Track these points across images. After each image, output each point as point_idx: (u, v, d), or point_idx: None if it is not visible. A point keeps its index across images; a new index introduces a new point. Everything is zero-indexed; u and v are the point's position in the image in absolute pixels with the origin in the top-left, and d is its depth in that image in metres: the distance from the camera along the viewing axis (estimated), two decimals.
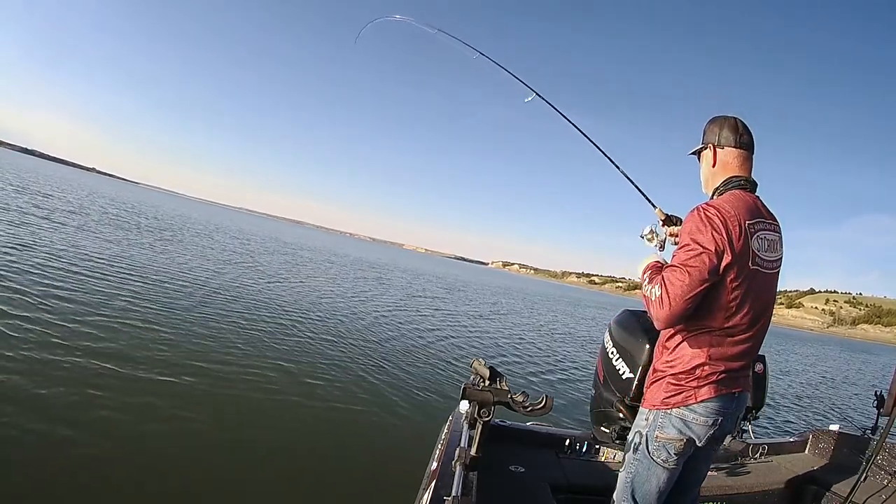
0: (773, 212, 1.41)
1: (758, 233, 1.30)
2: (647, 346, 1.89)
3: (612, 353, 2.07)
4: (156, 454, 2.82)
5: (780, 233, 1.39)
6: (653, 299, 1.29)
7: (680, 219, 1.69)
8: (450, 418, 1.91)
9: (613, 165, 2.07)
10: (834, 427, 2.75)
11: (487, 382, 1.58)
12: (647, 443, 1.37)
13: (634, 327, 2.01)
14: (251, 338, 5.53)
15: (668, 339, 1.38)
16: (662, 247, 1.68)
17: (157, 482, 2.59)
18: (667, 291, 1.25)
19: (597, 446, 2.21)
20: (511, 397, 1.49)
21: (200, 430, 3.21)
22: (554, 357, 8.90)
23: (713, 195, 1.42)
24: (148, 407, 3.31)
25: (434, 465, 1.51)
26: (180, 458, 2.85)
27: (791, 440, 2.84)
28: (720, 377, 1.30)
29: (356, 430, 3.78)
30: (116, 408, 3.18)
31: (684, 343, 1.33)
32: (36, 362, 3.54)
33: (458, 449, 1.40)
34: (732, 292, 1.27)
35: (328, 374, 4.86)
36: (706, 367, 1.30)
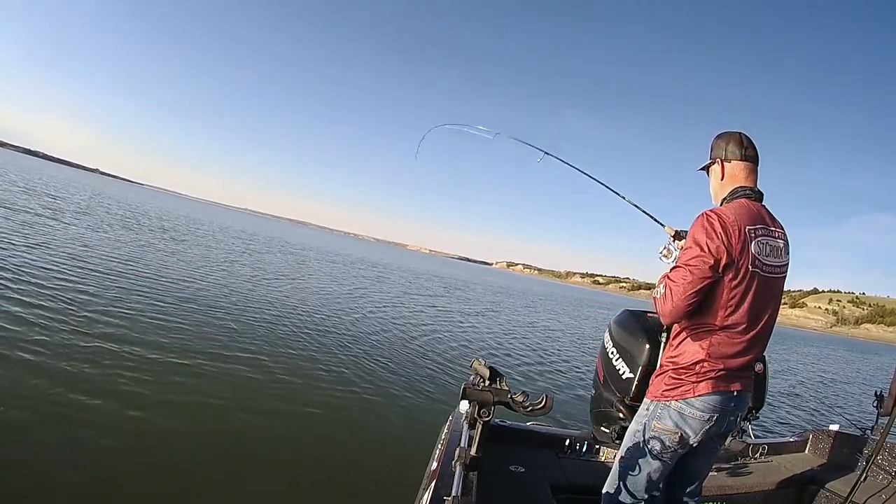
0: (779, 213, 1.49)
1: (758, 238, 1.37)
2: (647, 346, 1.89)
3: (612, 353, 2.07)
4: (155, 453, 2.82)
5: (786, 240, 1.46)
6: (658, 297, 1.41)
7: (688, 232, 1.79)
8: (450, 418, 1.91)
9: (625, 200, 2.20)
10: (834, 427, 2.75)
11: (487, 382, 1.58)
12: (644, 432, 1.45)
13: (634, 327, 2.01)
14: (251, 336, 5.53)
15: (675, 336, 1.46)
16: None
17: (157, 482, 2.59)
18: (670, 289, 1.36)
19: (597, 446, 2.21)
20: (511, 397, 1.49)
21: (200, 430, 3.22)
22: (554, 357, 8.90)
23: (721, 205, 1.50)
24: (148, 405, 3.32)
25: (434, 465, 1.51)
26: (180, 458, 2.84)
27: (791, 440, 2.83)
28: (719, 374, 1.37)
29: (356, 430, 3.78)
30: (118, 404, 3.20)
31: (687, 339, 1.42)
32: (39, 362, 3.54)
33: (458, 449, 1.39)
34: (731, 292, 1.34)
35: (328, 374, 4.86)
36: (705, 364, 1.37)
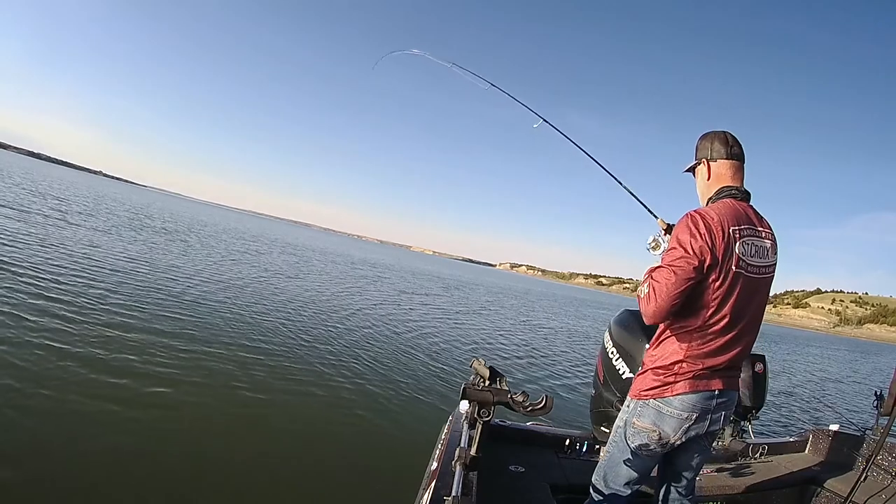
0: (784, 213, 1.48)
1: (743, 238, 1.36)
2: (647, 346, 1.89)
3: (612, 353, 2.07)
4: (155, 453, 2.82)
5: (774, 240, 1.45)
6: (642, 296, 1.41)
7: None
8: (450, 418, 1.91)
9: (618, 182, 2.20)
10: (834, 427, 2.75)
11: (487, 382, 1.58)
12: (626, 428, 1.47)
13: (634, 327, 2.01)
14: (250, 335, 5.53)
15: (657, 335, 1.47)
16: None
17: (156, 481, 2.59)
18: (653, 289, 1.36)
19: (597, 446, 2.21)
20: (511, 397, 1.49)
21: (199, 429, 3.21)
22: (554, 357, 8.90)
23: (707, 205, 1.49)
24: (148, 404, 3.32)
25: (434, 465, 1.51)
26: (179, 458, 2.84)
27: (791, 440, 2.83)
28: (698, 374, 1.37)
29: (356, 430, 3.77)
30: (120, 401, 3.20)
31: (667, 339, 1.42)
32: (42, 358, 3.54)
33: (458, 449, 1.39)
34: (714, 292, 1.34)
35: (328, 374, 4.86)
36: (684, 364, 1.38)
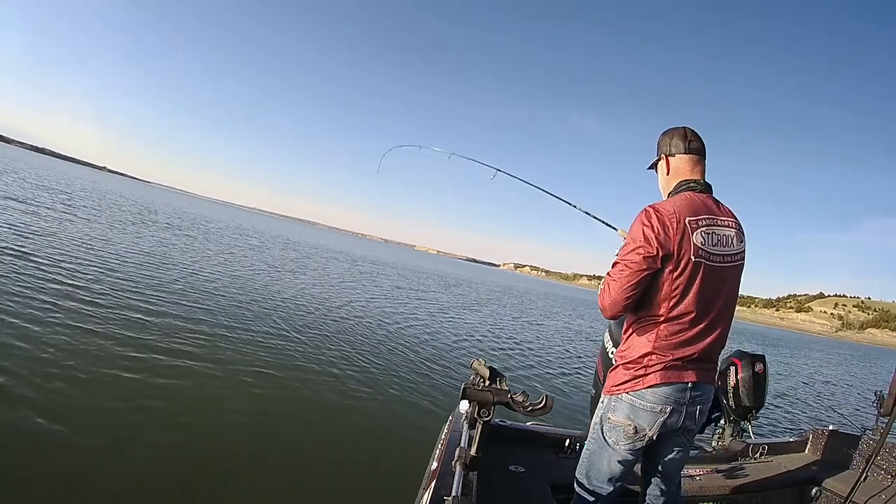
0: (789, 215, 1.48)
1: (702, 228, 1.37)
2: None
3: (612, 353, 2.07)
4: (155, 452, 2.81)
5: (739, 228, 1.46)
6: (599, 292, 1.46)
7: None
8: (450, 418, 1.91)
9: (576, 210, 2.30)
10: (834, 427, 2.75)
11: (487, 382, 1.59)
12: (602, 424, 1.48)
13: None
14: (249, 335, 5.52)
15: (624, 331, 1.49)
16: None
17: (155, 480, 2.58)
18: (608, 284, 1.41)
19: None
20: (511, 397, 1.50)
21: (198, 428, 3.21)
22: (555, 357, 8.90)
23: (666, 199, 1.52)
24: (148, 402, 3.31)
25: (434, 465, 1.51)
26: (179, 458, 2.84)
27: (791, 440, 2.83)
28: (669, 365, 1.38)
29: (356, 430, 3.77)
30: (121, 398, 3.20)
31: (634, 333, 1.44)
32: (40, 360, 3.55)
33: (458, 449, 1.40)
34: (674, 283, 1.35)
35: (327, 374, 4.85)
36: (653, 356, 1.38)
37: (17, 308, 4.52)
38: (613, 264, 1.43)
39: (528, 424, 2.33)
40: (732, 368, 2.61)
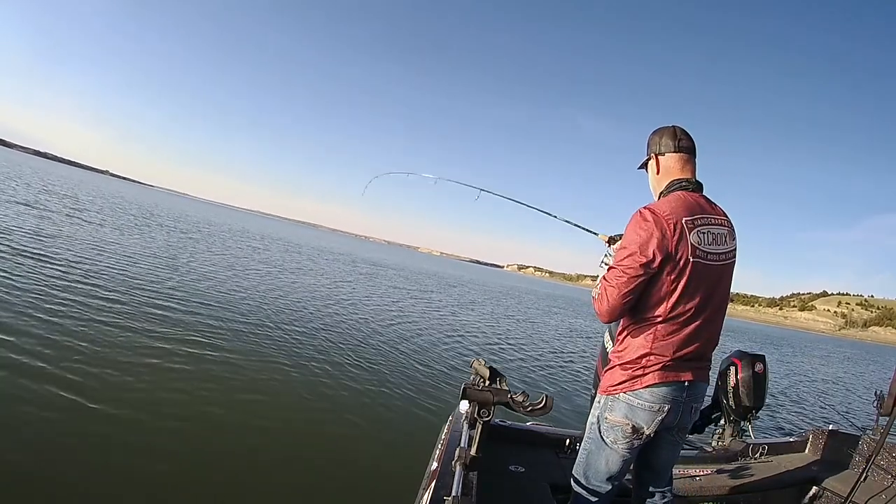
0: (793, 217, 1.48)
1: (698, 228, 1.38)
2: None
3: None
4: (155, 452, 2.81)
5: (730, 226, 1.48)
6: (595, 297, 1.46)
7: (622, 235, 1.85)
8: (450, 418, 1.91)
9: (556, 219, 2.34)
10: (834, 427, 2.75)
11: (487, 382, 1.59)
12: (599, 424, 1.48)
13: None
14: (250, 334, 5.52)
15: (620, 331, 1.49)
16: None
17: (155, 479, 2.59)
18: (604, 289, 1.40)
19: None
20: (511, 397, 1.50)
21: (197, 428, 3.21)
22: (555, 357, 8.89)
23: (658, 199, 1.51)
24: (147, 401, 3.32)
25: (434, 465, 1.51)
26: (179, 458, 2.84)
27: (791, 440, 2.83)
28: (666, 365, 1.38)
29: (356, 430, 3.77)
30: (121, 398, 3.20)
31: (631, 334, 1.44)
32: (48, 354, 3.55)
33: (458, 449, 1.40)
34: (672, 284, 1.35)
35: (327, 374, 4.85)
36: (651, 357, 1.39)
37: (20, 305, 4.53)
38: (609, 268, 1.43)
39: (528, 424, 2.33)
40: (732, 368, 2.61)
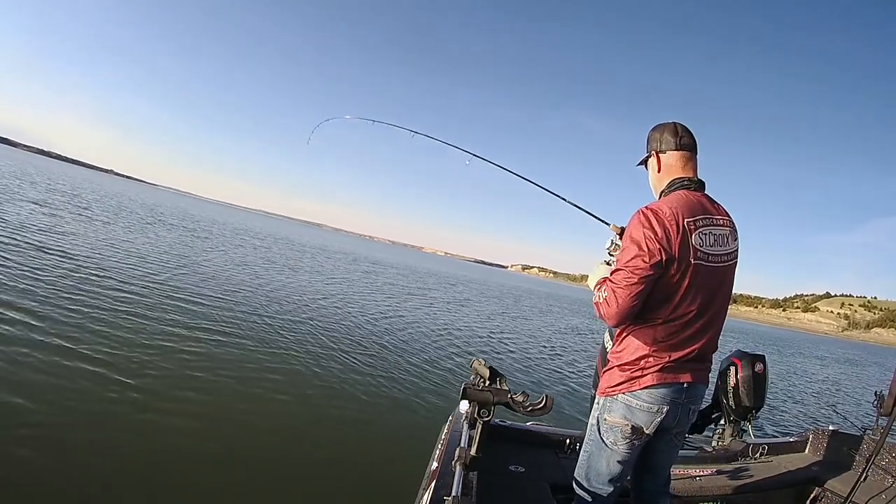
0: (797, 218, 1.47)
1: (700, 229, 1.36)
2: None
3: None
4: (153, 450, 2.82)
5: (732, 226, 1.46)
6: (601, 301, 1.39)
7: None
8: (450, 418, 1.91)
9: (566, 202, 2.23)
10: (834, 427, 2.75)
11: (487, 382, 1.59)
12: (599, 425, 1.47)
13: None
14: (250, 334, 5.52)
15: (620, 332, 1.47)
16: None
17: (155, 480, 2.59)
18: (613, 291, 1.35)
19: None
20: (511, 397, 1.50)
21: (197, 428, 3.21)
22: (555, 357, 8.90)
23: (659, 198, 1.49)
24: (151, 399, 3.32)
25: (434, 465, 1.51)
26: (177, 457, 2.84)
27: (791, 440, 2.83)
28: (666, 366, 1.37)
29: (356, 430, 3.77)
30: (120, 399, 3.21)
31: (631, 335, 1.42)
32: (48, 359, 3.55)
33: (458, 449, 1.40)
34: (675, 286, 1.34)
35: (327, 374, 4.85)
36: (650, 358, 1.38)
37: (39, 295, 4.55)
38: (614, 271, 1.39)
39: (528, 424, 2.33)
40: (732, 368, 2.61)
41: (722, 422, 2.72)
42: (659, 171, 1.51)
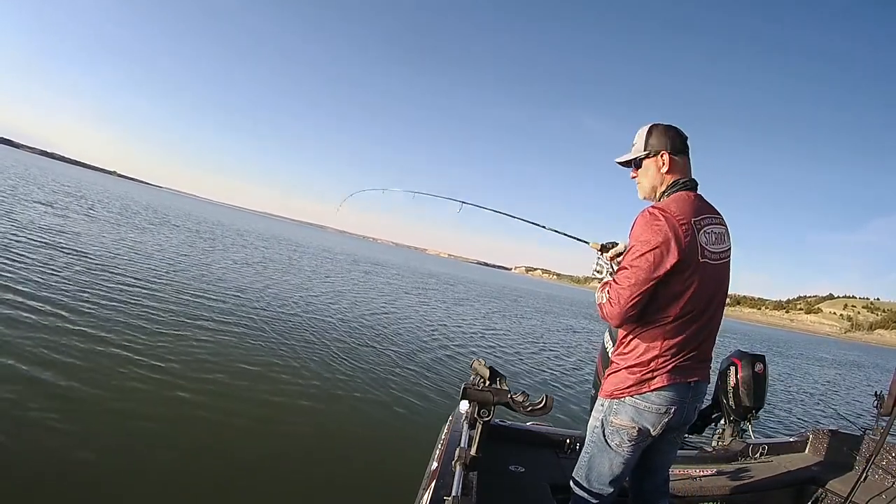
0: (800, 219, 1.48)
1: (704, 228, 1.37)
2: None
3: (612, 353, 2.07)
4: (154, 450, 2.82)
5: (726, 225, 1.47)
6: (603, 301, 1.40)
7: (615, 243, 1.82)
8: (450, 418, 1.91)
9: (545, 229, 2.31)
10: (834, 427, 2.75)
11: (487, 382, 1.59)
12: (604, 427, 1.45)
13: None
14: (251, 334, 5.52)
15: (625, 334, 1.45)
16: (613, 273, 1.72)
17: (155, 480, 2.59)
18: (616, 291, 1.35)
19: None
20: (511, 397, 1.50)
21: (197, 428, 3.21)
22: (555, 357, 8.89)
23: (659, 199, 1.47)
24: (148, 401, 3.32)
25: (434, 465, 1.51)
26: (177, 457, 2.84)
27: (791, 440, 2.83)
28: (674, 367, 1.37)
29: (356, 430, 3.77)
30: (118, 399, 3.21)
31: (638, 336, 1.41)
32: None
33: (458, 449, 1.40)
34: (683, 285, 1.34)
35: (327, 374, 4.85)
36: (659, 359, 1.37)
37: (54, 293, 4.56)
38: (619, 270, 1.38)
39: (528, 424, 2.33)
40: (732, 368, 2.61)
41: (722, 422, 2.72)
42: (668, 172, 1.48)
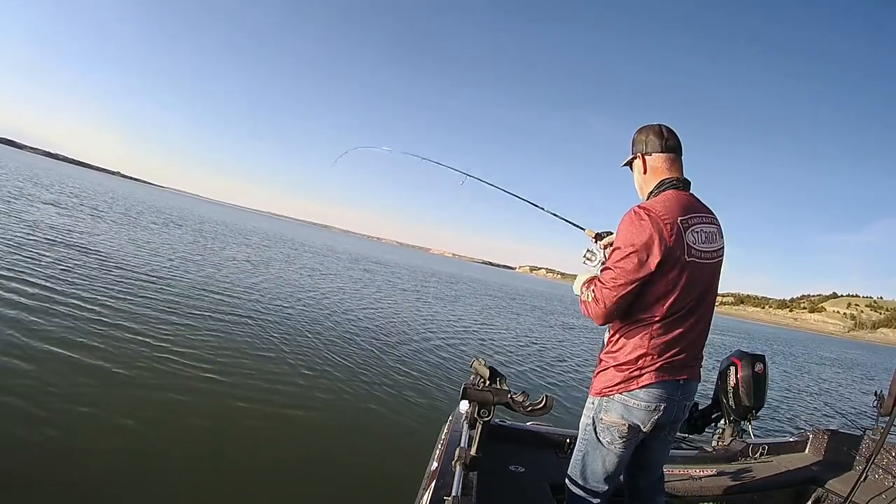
0: (802, 219, 1.47)
1: (692, 227, 1.37)
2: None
3: None
4: (154, 451, 2.82)
5: (718, 224, 1.47)
6: (588, 300, 1.41)
7: (610, 232, 1.79)
8: (450, 418, 1.92)
9: (544, 211, 2.29)
10: (834, 427, 2.75)
11: (487, 382, 1.59)
12: (595, 425, 1.46)
13: None
14: (253, 334, 5.53)
15: (613, 332, 1.46)
16: (604, 262, 1.71)
17: (156, 480, 2.59)
18: (600, 291, 1.37)
19: None
20: (511, 397, 1.50)
21: (197, 428, 3.22)
22: (555, 357, 8.89)
23: (648, 199, 1.49)
24: (148, 401, 3.33)
25: (434, 465, 1.51)
26: (177, 457, 2.85)
27: (791, 440, 2.83)
28: (662, 365, 1.38)
29: (356, 430, 3.78)
30: (130, 393, 3.21)
31: (625, 335, 1.42)
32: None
33: (458, 449, 1.40)
34: (669, 284, 1.34)
35: (327, 374, 4.85)
36: (647, 357, 1.38)
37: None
38: (603, 270, 1.40)
39: (528, 424, 2.33)
40: (732, 368, 2.61)
41: (722, 422, 2.72)
42: (645, 173, 1.51)
